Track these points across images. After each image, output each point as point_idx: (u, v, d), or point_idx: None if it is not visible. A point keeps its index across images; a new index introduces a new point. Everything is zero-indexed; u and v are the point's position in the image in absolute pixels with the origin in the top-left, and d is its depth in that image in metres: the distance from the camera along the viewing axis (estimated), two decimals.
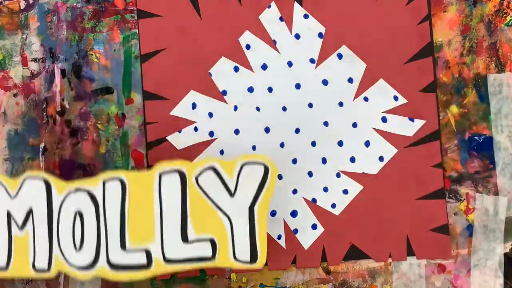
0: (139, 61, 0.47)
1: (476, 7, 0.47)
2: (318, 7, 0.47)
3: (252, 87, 0.47)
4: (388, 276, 0.47)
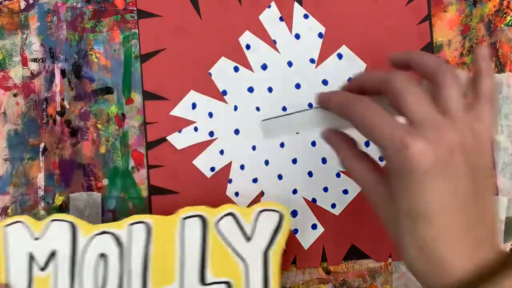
0: (139, 61, 0.47)
1: (476, 7, 0.47)
2: (318, 7, 0.47)
3: (252, 87, 0.47)
4: (388, 276, 0.47)
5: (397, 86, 0.30)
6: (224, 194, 0.46)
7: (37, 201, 0.46)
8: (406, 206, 0.29)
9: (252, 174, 0.46)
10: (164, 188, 0.46)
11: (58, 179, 0.47)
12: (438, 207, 0.28)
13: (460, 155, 0.29)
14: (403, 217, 0.30)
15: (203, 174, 0.46)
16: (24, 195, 0.47)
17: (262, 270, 0.41)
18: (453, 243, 0.29)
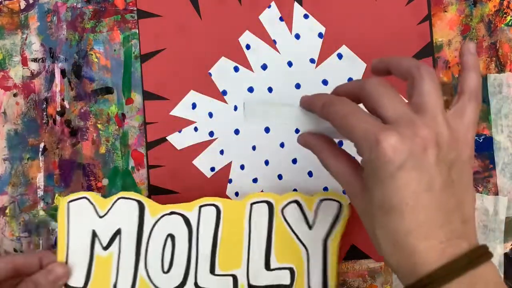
0: (139, 61, 0.47)
1: (476, 7, 0.47)
2: (318, 7, 0.47)
3: (252, 87, 0.47)
4: (388, 276, 0.47)
5: (371, 88, 0.31)
6: (224, 194, 0.46)
7: (36, 201, 0.46)
8: (379, 199, 0.30)
9: (252, 174, 0.46)
10: (164, 188, 0.46)
11: (57, 179, 0.46)
12: (411, 201, 0.29)
13: (434, 150, 0.29)
14: (376, 210, 0.30)
15: (203, 174, 0.46)
16: (23, 195, 0.46)
17: (322, 258, 0.41)
18: (425, 237, 0.29)
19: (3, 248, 0.46)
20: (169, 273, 0.41)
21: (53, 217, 0.46)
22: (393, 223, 0.29)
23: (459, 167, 0.30)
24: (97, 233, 0.41)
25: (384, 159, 0.28)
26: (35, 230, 0.46)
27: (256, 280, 0.41)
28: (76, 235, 0.41)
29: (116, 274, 0.41)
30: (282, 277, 0.41)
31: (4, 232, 0.46)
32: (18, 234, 0.46)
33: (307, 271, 0.41)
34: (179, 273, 0.41)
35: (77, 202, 0.42)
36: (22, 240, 0.46)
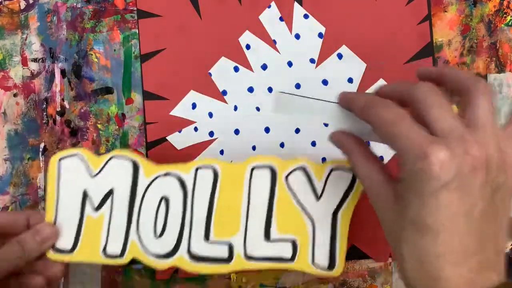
0: (139, 61, 0.47)
1: (476, 7, 0.47)
2: (318, 7, 0.47)
3: (252, 87, 0.47)
4: (388, 276, 0.47)
5: (422, 95, 0.29)
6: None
7: (37, 201, 0.46)
8: (414, 214, 0.28)
9: None
10: None
11: None
12: (448, 223, 0.27)
13: (483, 173, 0.27)
14: (408, 225, 0.29)
15: None
16: (24, 195, 0.47)
17: (330, 231, 0.39)
18: (456, 264, 0.27)
19: None
20: (161, 238, 0.39)
21: None
22: (424, 242, 0.28)
23: (503, 193, 0.28)
24: (88, 193, 0.39)
25: (429, 174, 0.27)
26: None
27: (254, 251, 0.39)
28: (66, 195, 0.39)
29: (107, 237, 0.39)
30: (283, 250, 0.39)
31: None
32: None
33: (312, 245, 0.39)
34: (172, 238, 0.39)
35: (69, 159, 0.39)
36: None
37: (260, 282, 0.46)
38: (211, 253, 0.39)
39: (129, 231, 0.39)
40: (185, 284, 0.46)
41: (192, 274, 0.44)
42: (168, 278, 0.46)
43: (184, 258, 0.39)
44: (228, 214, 0.39)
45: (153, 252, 0.39)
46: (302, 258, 0.39)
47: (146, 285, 0.46)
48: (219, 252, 0.39)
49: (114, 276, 0.46)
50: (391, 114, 0.29)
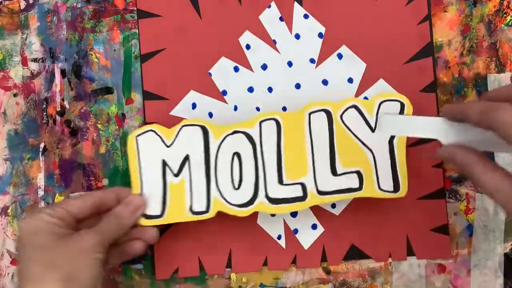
0: (139, 61, 0.47)
1: (476, 7, 0.47)
2: (318, 7, 0.47)
3: (252, 87, 0.47)
4: (388, 276, 0.47)
5: None
6: None
7: (37, 201, 0.46)
8: None
9: None
10: None
11: (58, 179, 0.47)
12: None
13: None
14: None
15: None
16: (24, 195, 0.47)
17: (389, 157, 0.42)
18: None
19: (6, 248, 0.46)
20: (240, 189, 0.42)
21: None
22: None
23: None
24: (166, 162, 0.43)
25: None
26: None
27: (324, 186, 0.42)
28: (147, 167, 0.43)
29: (191, 197, 0.42)
30: (351, 181, 0.42)
31: (6, 231, 0.46)
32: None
33: (376, 172, 0.42)
34: (249, 188, 0.42)
35: (145, 135, 0.43)
36: None
37: (260, 282, 0.46)
38: (287, 194, 0.42)
39: (210, 189, 0.42)
40: (185, 284, 0.46)
41: (192, 274, 0.44)
42: (168, 278, 0.46)
43: (264, 203, 0.42)
44: (295, 158, 0.42)
45: (235, 203, 0.42)
46: (369, 186, 0.42)
47: (146, 285, 0.46)
48: (294, 192, 0.42)
49: (114, 276, 0.46)
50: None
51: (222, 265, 0.46)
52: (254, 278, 0.46)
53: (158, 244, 0.46)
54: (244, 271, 0.46)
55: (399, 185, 0.42)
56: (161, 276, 0.46)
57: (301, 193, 0.42)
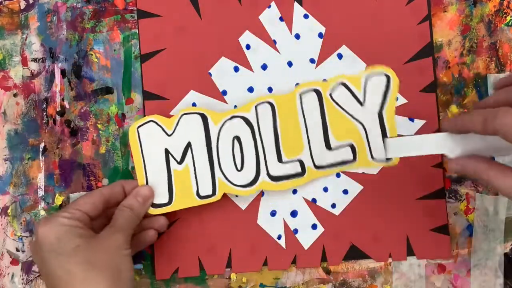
0: (139, 61, 0.47)
1: (476, 7, 0.47)
2: (318, 7, 0.47)
3: (252, 87, 0.47)
4: (388, 276, 0.47)
5: None
6: (224, 194, 0.46)
7: (37, 201, 0.46)
8: None
9: None
10: None
11: (58, 179, 0.47)
12: None
13: None
14: None
15: None
16: (24, 195, 0.47)
17: (380, 129, 0.44)
18: None
19: (6, 248, 0.46)
20: (243, 171, 0.44)
21: None
22: None
23: None
24: (169, 150, 0.44)
25: None
26: None
27: (320, 161, 0.45)
28: (151, 157, 0.44)
29: (196, 182, 0.44)
30: (345, 154, 0.44)
31: (6, 231, 0.46)
32: (20, 234, 0.46)
33: (368, 144, 0.44)
34: (251, 168, 0.44)
35: (146, 126, 0.44)
36: (24, 240, 0.46)
37: (260, 282, 0.46)
38: (287, 171, 0.45)
39: (214, 173, 0.44)
40: (185, 284, 0.46)
41: (192, 274, 0.44)
42: (168, 278, 0.46)
43: (266, 181, 0.44)
44: (292, 137, 0.45)
45: (239, 184, 0.44)
46: (362, 157, 0.44)
47: (146, 285, 0.46)
48: (293, 169, 0.45)
49: None
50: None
51: (222, 265, 0.46)
52: (254, 278, 0.46)
53: (158, 244, 0.46)
54: (244, 271, 0.46)
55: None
56: (161, 276, 0.46)
57: (300, 169, 0.45)
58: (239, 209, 0.46)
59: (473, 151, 0.36)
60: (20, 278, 0.46)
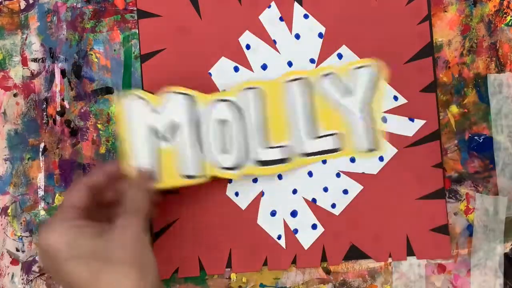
0: (139, 61, 0.47)
1: (476, 7, 0.47)
2: (318, 7, 0.47)
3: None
4: (388, 276, 0.47)
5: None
6: (224, 194, 0.46)
7: (37, 201, 0.46)
8: None
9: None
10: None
11: (58, 179, 0.47)
12: None
13: None
14: None
15: None
16: (24, 195, 0.47)
17: (366, 120, 0.45)
18: None
19: (6, 248, 0.46)
20: (230, 153, 0.44)
21: None
22: None
23: None
24: (157, 128, 0.43)
25: None
26: (36, 230, 0.46)
27: (307, 148, 0.45)
28: (137, 135, 0.43)
29: (183, 162, 0.43)
30: (332, 142, 0.45)
31: (6, 231, 0.46)
32: (20, 234, 0.47)
33: (354, 134, 0.45)
34: (239, 151, 0.44)
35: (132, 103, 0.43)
36: (24, 240, 0.46)
37: (260, 282, 0.46)
38: (275, 156, 0.44)
39: (202, 154, 0.44)
40: (185, 284, 0.46)
41: (192, 274, 0.44)
42: (168, 278, 0.46)
43: (253, 166, 0.44)
44: (279, 123, 0.45)
45: (226, 166, 0.44)
46: (348, 147, 0.45)
47: None
48: (281, 155, 0.44)
49: None
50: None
51: (222, 265, 0.46)
52: (254, 278, 0.46)
53: (158, 244, 0.46)
54: (244, 271, 0.46)
55: (377, 144, 0.45)
56: (161, 276, 0.46)
57: (287, 155, 0.45)
58: (239, 209, 0.46)
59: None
60: (20, 278, 0.46)
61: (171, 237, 0.46)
